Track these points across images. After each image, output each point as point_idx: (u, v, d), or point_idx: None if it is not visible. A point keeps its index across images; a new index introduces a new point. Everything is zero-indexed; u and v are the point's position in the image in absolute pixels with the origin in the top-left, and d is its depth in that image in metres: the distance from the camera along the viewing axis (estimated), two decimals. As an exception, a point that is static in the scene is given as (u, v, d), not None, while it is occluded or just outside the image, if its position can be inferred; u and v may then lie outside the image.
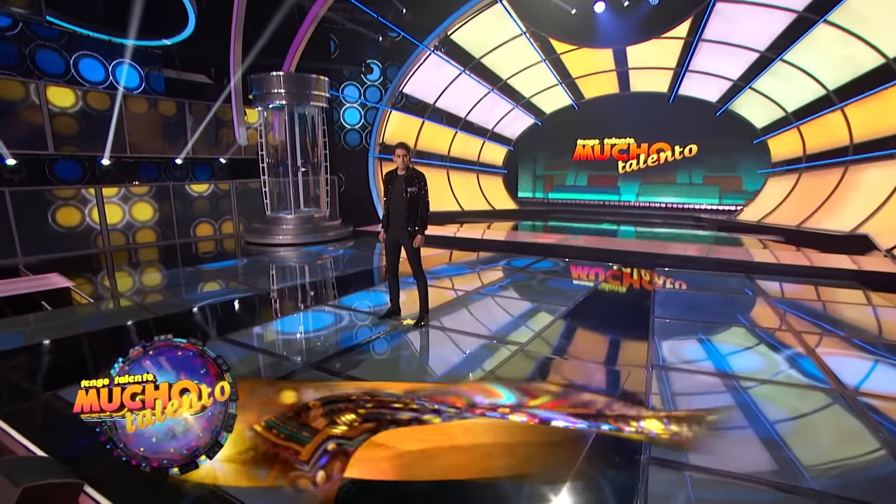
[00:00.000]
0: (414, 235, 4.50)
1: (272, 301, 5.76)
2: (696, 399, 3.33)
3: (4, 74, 8.53)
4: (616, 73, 14.68)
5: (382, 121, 14.02)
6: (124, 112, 9.85)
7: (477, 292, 6.06)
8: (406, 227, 4.48)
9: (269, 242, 9.93)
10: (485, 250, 9.10)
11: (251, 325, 4.79)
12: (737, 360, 3.96)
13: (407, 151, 4.40)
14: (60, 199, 8.83)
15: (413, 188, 4.43)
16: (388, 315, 4.89)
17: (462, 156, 16.17)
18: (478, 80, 14.60)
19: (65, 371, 3.76)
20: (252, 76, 10.06)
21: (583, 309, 5.37)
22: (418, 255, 4.60)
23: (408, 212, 4.45)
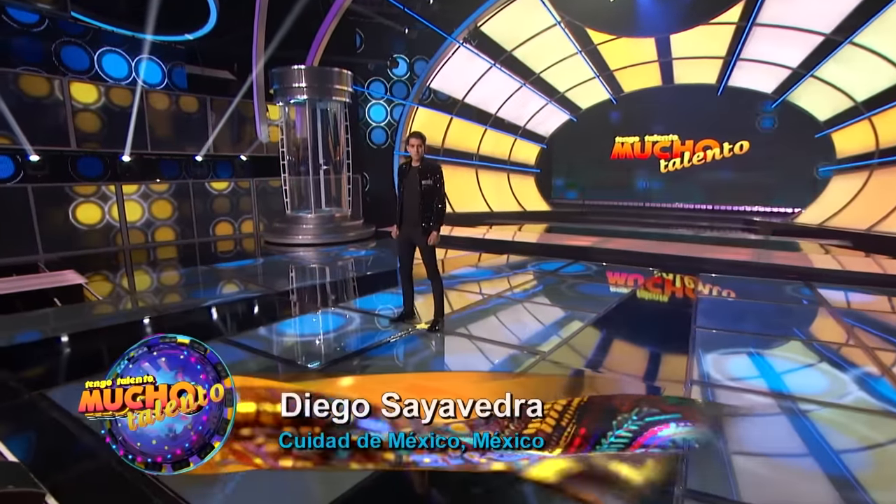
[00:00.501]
0: (428, 232, 4.34)
1: (280, 302, 5.71)
2: (744, 422, 3.05)
3: (30, 71, 8.78)
4: (658, 64, 14.18)
5: (409, 117, 13.95)
6: (146, 108, 10.03)
7: (500, 296, 5.85)
8: (420, 223, 4.32)
9: (288, 242, 9.94)
10: (514, 253, 8.85)
11: (254, 326, 4.75)
12: (794, 379, 3.61)
13: (422, 141, 4.26)
14: (81, 195, 9.06)
15: (428, 181, 4.26)
16: (400, 318, 4.76)
17: (492, 154, 15.96)
18: (509, 74, 14.36)
19: (57, 369, 3.73)
20: (273, 70, 10.16)
21: (615, 316, 5.12)
22: (433, 253, 4.46)
23: (422, 206, 4.28)
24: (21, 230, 8.31)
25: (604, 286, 6.54)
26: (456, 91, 14.43)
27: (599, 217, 15.25)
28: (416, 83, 13.82)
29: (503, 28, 13.08)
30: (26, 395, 3.17)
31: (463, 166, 15.38)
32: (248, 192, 11.54)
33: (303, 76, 9.83)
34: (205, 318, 4.98)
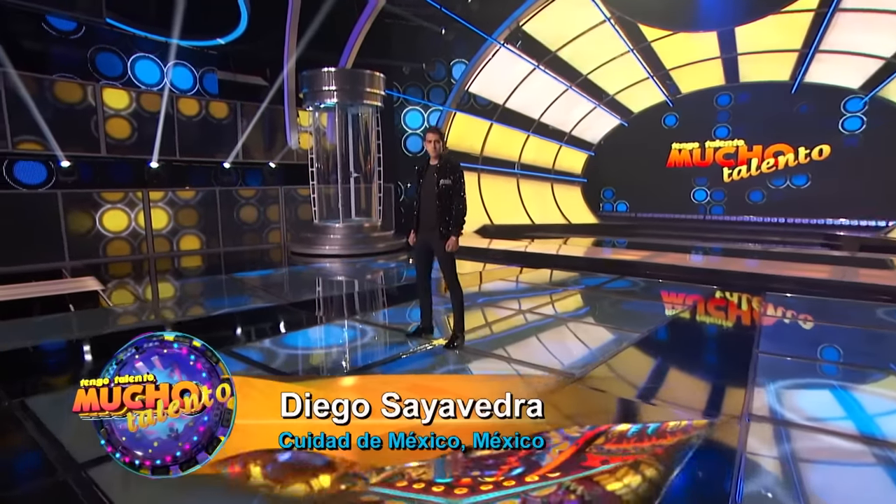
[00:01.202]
0: (447, 238, 4.23)
1: (292, 314, 5.87)
2: (822, 469, 2.68)
3: (66, 77, 9.56)
4: (721, 61, 13.91)
5: (446, 124, 14.24)
6: (175, 114, 10.67)
7: (533, 311, 5.82)
8: (437, 227, 4.23)
9: (314, 253, 10.26)
10: (555, 267, 8.81)
11: (259, 338, 4.84)
12: (891, 422, 3.19)
13: (440, 136, 4.23)
14: (109, 202, 9.68)
15: (446, 180, 4.17)
16: (417, 333, 4.68)
17: (534, 162, 16.01)
18: (554, 77, 14.45)
19: (46, 375, 3.95)
20: (302, 73, 10.59)
21: (661, 336, 4.98)
22: (452, 261, 4.36)
23: (440, 209, 4.19)
24: (50, 236, 8.96)
25: (651, 304, 6.39)
26: (496, 95, 14.61)
27: (653, 231, 14.97)
28: (455, 87, 14.10)
29: (547, 27, 13.22)
30: (6, 402, 3.29)
31: (503, 175, 15.48)
32: (276, 200, 12.02)
33: (332, 79, 10.20)
34: (211, 329, 5.16)
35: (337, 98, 10.26)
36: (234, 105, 11.63)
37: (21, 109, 8.65)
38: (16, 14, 9.28)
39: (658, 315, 5.71)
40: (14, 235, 8.58)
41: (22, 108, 8.64)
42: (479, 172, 14.82)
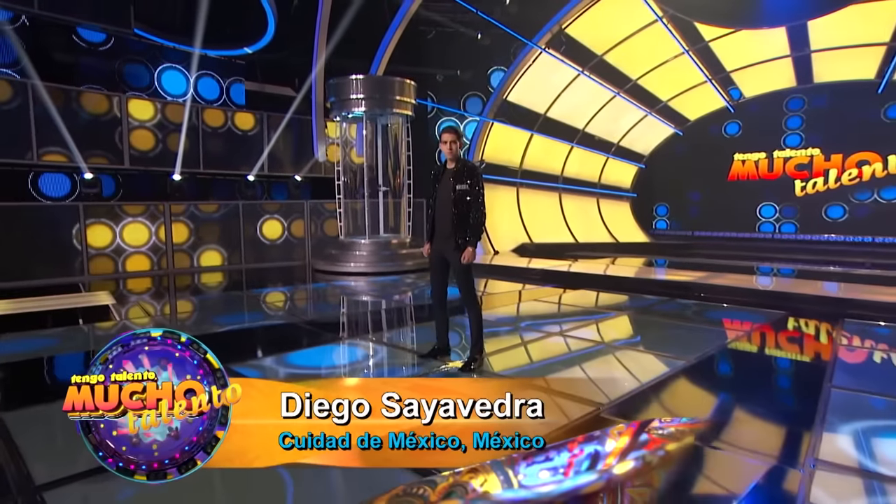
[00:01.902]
0: (462, 248, 4.23)
1: (302, 331, 6.07)
2: None
3: (93, 89, 10.31)
4: (791, 60, 13.68)
5: (482, 135, 14.44)
6: (200, 125, 11.30)
7: (573, 335, 5.81)
8: (453, 236, 4.23)
9: (338, 270, 10.56)
10: (601, 288, 8.76)
11: (263, 355, 5.01)
12: None
13: (456, 136, 4.23)
14: (129, 215, 10.27)
15: (463, 185, 4.19)
16: (431, 354, 4.67)
17: (579, 176, 16.07)
18: (600, 83, 14.56)
19: (32, 389, 4.19)
20: (330, 81, 11.03)
21: (712, 364, 4.83)
22: (468, 274, 4.35)
23: (456, 217, 4.19)
24: (70, 250, 9.56)
25: (704, 328, 6.28)
26: (537, 104, 14.79)
27: (713, 251, 14.68)
28: (492, 96, 14.36)
29: (592, 29, 13.39)
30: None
31: (544, 190, 15.57)
32: (301, 214, 12.46)
33: (360, 86, 10.58)
34: (214, 345, 5.41)
35: (365, 107, 10.64)
36: (261, 116, 12.20)
37: (48, 121, 9.34)
38: (49, 27, 10.13)
39: (711, 340, 5.54)
40: (34, 249, 9.20)
41: (49, 121, 9.34)
42: (518, 187, 14.96)
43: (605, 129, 15.84)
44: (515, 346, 5.41)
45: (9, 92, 9.10)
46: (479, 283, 9.88)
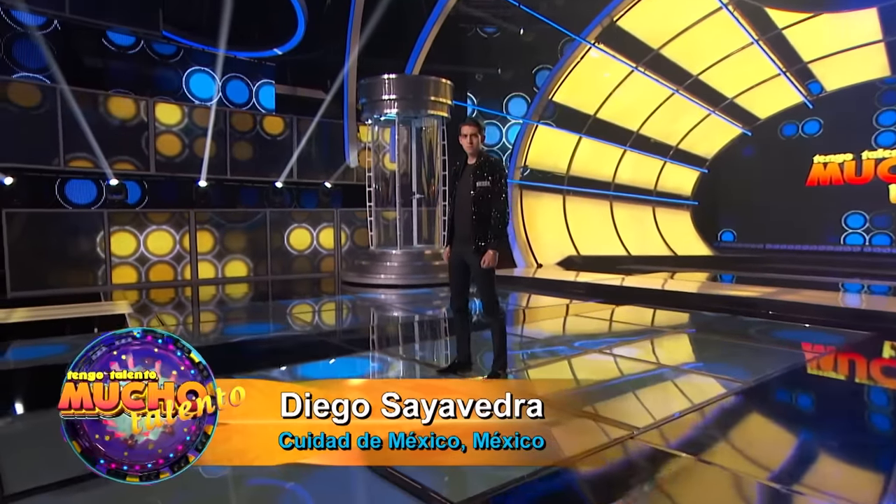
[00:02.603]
0: (483, 251, 4.22)
1: (317, 343, 6.30)
2: None
3: (120, 93, 10.98)
4: (884, 46, 13.20)
5: (526, 139, 14.59)
6: (227, 130, 11.85)
7: (610, 352, 5.82)
8: (473, 238, 4.23)
9: (367, 282, 10.85)
10: (655, 305, 8.63)
11: (271, 367, 5.16)
12: None
13: (477, 129, 4.25)
14: (154, 223, 10.84)
15: (484, 182, 4.20)
16: (451, 368, 4.65)
17: (632, 183, 16.03)
18: (656, 80, 14.51)
19: (25, 396, 4.48)
20: (361, 81, 11.39)
21: (773, 389, 4.65)
22: (490, 279, 4.32)
23: (476, 217, 4.21)
24: (93, 259, 10.17)
25: (769, 348, 6.07)
26: (586, 104, 14.87)
27: (789, 266, 14.29)
28: (537, 96, 14.51)
29: (647, 21, 13.36)
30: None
31: (594, 198, 15.57)
32: (331, 223, 12.85)
33: (392, 87, 10.86)
34: (221, 356, 5.62)
35: (397, 108, 10.91)
36: (290, 120, 12.69)
37: (75, 127, 10.01)
38: (79, 31, 10.89)
39: (775, 362, 5.31)
40: (58, 257, 9.82)
41: (76, 126, 10.00)
42: (565, 194, 15.04)
43: (663, 130, 15.76)
44: (554, 364, 5.41)
45: (38, 97, 9.80)
46: (521, 298, 9.99)
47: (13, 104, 9.58)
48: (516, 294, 10.36)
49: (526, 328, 7.54)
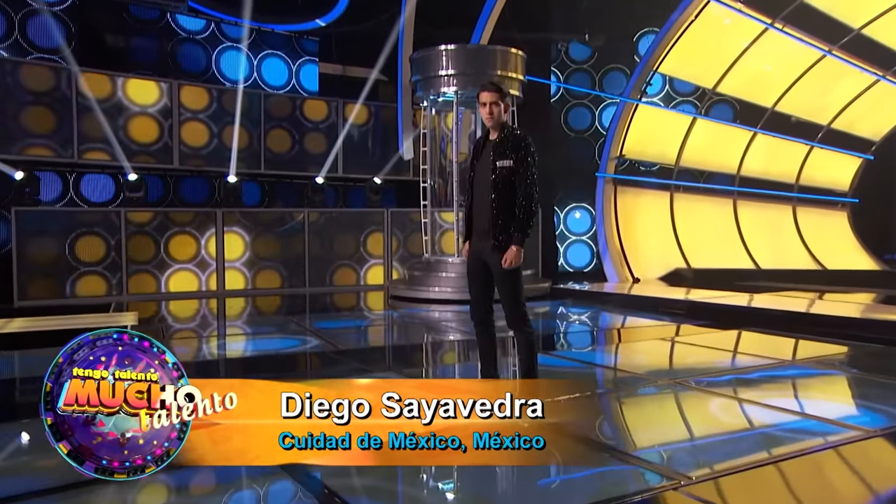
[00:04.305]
0: (504, 248, 4.24)
1: (329, 360, 6.92)
2: None
3: (143, 75, 12.12)
4: None
5: (623, 121, 14.66)
6: (262, 117, 12.80)
7: (728, 392, 5.68)
8: (492, 231, 4.27)
9: (418, 297, 11.40)
10: (792, 333, 8.40)
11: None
12: None
13: (500, 96, 4.28)
14: (176, 224, 11.87)
15: (506, 161, 4.22)
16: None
17: (764, 175, 15.82)
18: (799, 38, 14.20)
19: None
20: (413, 55, 11.93)
21: None
22: (513, 283, 4.38)
23: (496, 205, 4.25)
24: (110, 264, 11.22)
25: None
26: (703, 76, 14.83)
27: None
28: (638, 67, 14.55)
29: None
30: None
31: (710, 195, 15.55)
32: (381, 227, 13.49)
33: (449, 60, 11.24)
34: (216, 370, 6.32)
35: (456, 86, 11.34)
36: (335, 105, 13.50)
37: (91, 114, 11.14)
38: (98, 5, 12.07)
39: None
40: (69, 261, 10.91)
41: (92, 113, 11.13)
42: (673, 191, 15.10)
43: (809, 105, 15.36)
44: (652, 405, 5.46)
45: (50, 80, 10.99)
46: (613, 320, 10.28)
47: (25, 89, 10.76)
48: (607, 314, 10.66)
49: (620, 357, 7.79)
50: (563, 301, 11.73)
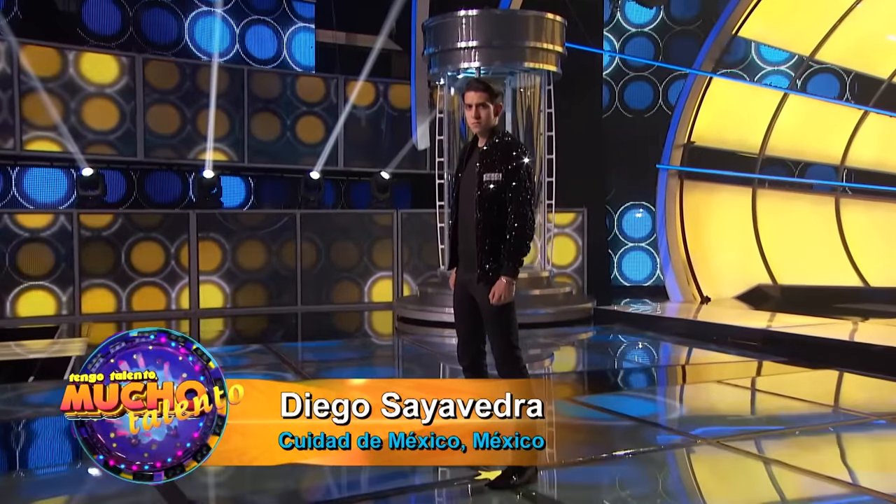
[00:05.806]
0: (492, 280, 4.43)
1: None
2: None
3: (100, 48, 12.95)
4: None
5: (693, 100, 14.77)
6: (245, 97, 13.54)
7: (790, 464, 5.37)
8: (478, 259, 4.48)
9: (428, 319, 11.79)
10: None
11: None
12: None
13: (488, 96, 4.43)
14: (141, 229, 12.46)
15: (494, 174, 4.40)
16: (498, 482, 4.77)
17: (878, 166, 15.63)
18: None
19: None
20: (426, 23, 12.21)
21: None
22: (503, 321, 4.61)
23: (481, 227, 4.44)
24: (60, 277, 11.91)
25: None
26: (795, 40, 14.96)
27: None
28: (713, 32, 14.63)
29: None
30: None
31: (806, 192, 15.79)
32: (389, 231, 13.94)
33: (471, 28, 11.44)
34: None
35: (479, 61, 11.63)
36: (334, 82, 14.19)
37: (34, 96, 11.89)
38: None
39: None
40: (12, 275, 11.65)
41: (35, 94, 11.88)
42: (757, 186, 15.16)
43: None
44: (723, 476, 5.49)
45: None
46: (674, 353, 10.51)
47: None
48: (668, 345, 10.81)
49: (684, 406, 7.74)
50: (608, 326, 12.07)
